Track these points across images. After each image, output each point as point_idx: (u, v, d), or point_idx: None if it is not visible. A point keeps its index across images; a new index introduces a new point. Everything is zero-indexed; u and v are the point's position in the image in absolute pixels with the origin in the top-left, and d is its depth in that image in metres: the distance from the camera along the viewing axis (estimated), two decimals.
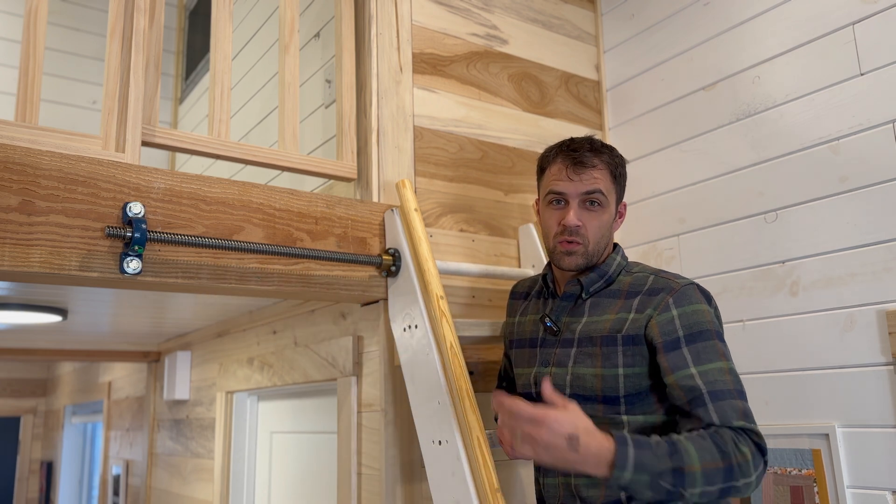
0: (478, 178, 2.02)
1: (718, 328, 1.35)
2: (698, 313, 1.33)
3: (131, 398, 3.93)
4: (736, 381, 1.29)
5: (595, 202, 1.41)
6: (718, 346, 1.32)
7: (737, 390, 1.28)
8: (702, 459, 1.17)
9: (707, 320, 1.33)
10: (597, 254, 1.44)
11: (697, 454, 1.17)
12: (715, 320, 1.35)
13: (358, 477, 1.78)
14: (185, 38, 3.87)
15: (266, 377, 2.34)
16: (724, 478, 1.17)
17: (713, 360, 1.29)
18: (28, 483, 6.18)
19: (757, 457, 1.22)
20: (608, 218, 1.44)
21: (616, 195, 1.46)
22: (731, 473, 1.18)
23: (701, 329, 1.32)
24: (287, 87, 1.78)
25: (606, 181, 1.43)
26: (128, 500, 3.82)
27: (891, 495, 1.52)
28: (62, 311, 2.47)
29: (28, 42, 1.46)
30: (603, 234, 1.43)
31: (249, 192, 1.57)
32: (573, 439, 1.12)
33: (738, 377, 1.31)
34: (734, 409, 1.24)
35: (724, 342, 1.34)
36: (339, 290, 1.65)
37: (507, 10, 2.19)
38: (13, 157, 1.31)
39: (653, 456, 1.15)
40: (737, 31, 1.95)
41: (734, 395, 1.27)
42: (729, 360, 1.31)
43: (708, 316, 1.34)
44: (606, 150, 1.46)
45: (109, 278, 1.38)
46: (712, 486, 1.17)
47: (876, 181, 1.61)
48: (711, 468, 1.17)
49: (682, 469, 1.15)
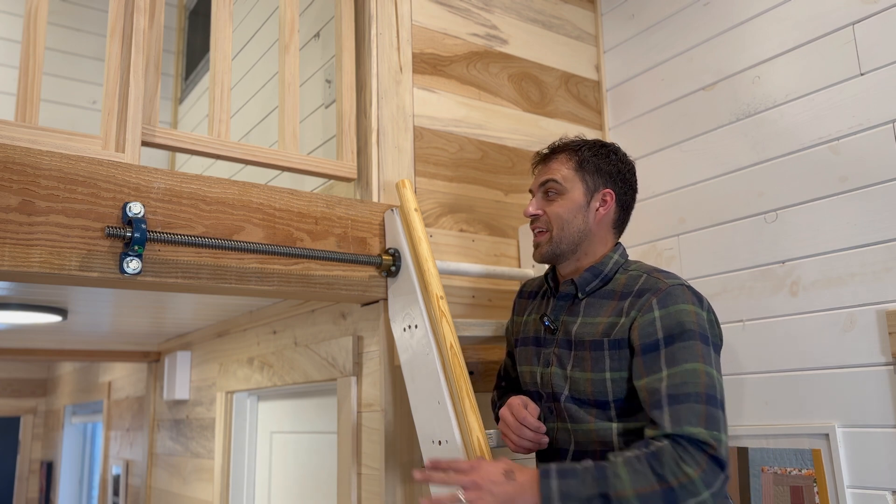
0: (478, 178, 2.02)
1: (705, 330, 1.27)
2: (682, 313, 1.28)
3: (131, 398, 3.93)
4: (709, 385, 1.20)
5: (551, 191, 1.47)
6: (698, 348, 1.24)
7: (706, 394, 1.20)
8: (634, 484, 1.13)
9: (691, 321, 1.27)
10: (566, 240, 1.44)
11: (630, 478, 1.13)
12: (702, 322, 1.28)
13: (358, 477, 1.78)
14: (185, 38, 3.87)
15: (266, 377, 2.34)
16: (663, 501, 1.12)
17: (687, 361, 1.23)
18: (28, 483, 6.18)
19: (710, 472, 1.14)
20: (570, 204, 1.44)
21: (584, 183, 1.45)
22: (672, 496, 1.12)
23: (682, 330, 1.26)
24: (287, 87, 1.78)
25: (565, 170, 1.46)
26: (128, 500, 3.82)
27: (891, 495, 1.52)
28: (62, 311, 2.47)
29: (28, 42, 1.46)
30: (567, 220, 1.44)
31: (249, 192, 1.57)
32: (510, 473, 1.22)
33: (716, 381, 1.22)
34: (694, 414, 1.17)
35: (712, 345, 1.27)
36: (339, 290, 1.65)
37: (507, 10, 2.19)
38: (13, 157, 1.31)
39: (579, 484, 1.15)
40: (737, 31, 1.95)
41: (700, 398, 1.19)
42: (707, 363, 1.23)
43: (693, 316, 1.28)
44: (577, 143, 1.49)
45: (109, 278, 1.38)
46: None
47: (876, 181, 1.61)
48: (646, 492, 1.12)
49: (610, 495, 1.13)
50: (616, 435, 1.32)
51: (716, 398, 1.20)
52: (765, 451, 1.74)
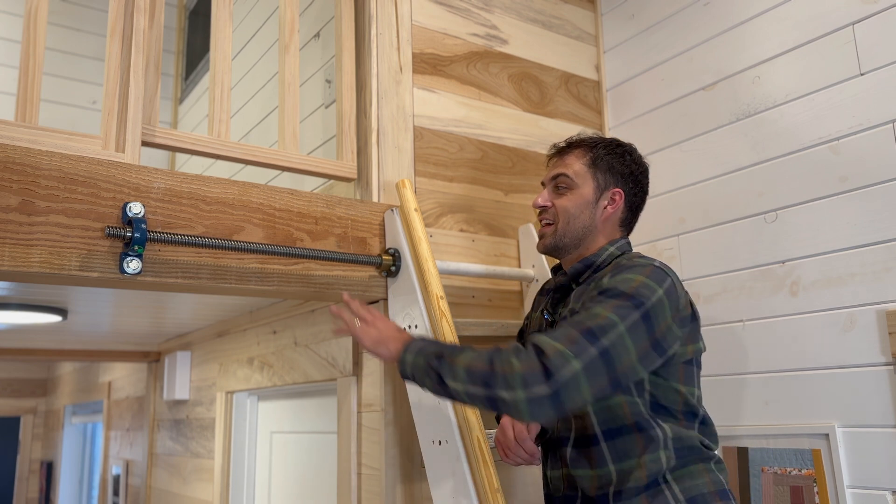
0: (478, 178, 2.02)
1: (643, 297, 1.21)
2: (625, 281, 1.25)
3: (131, 398, 3.93)
4: (600, 327, 1.16)
5: (562, 185, 1.47)
6: (619, 303, 1.20)
7: (589, 327, 1.16)
8: (467, 358, 1.21)
9: (629, 286, 1.23)
10: (570, 234, 1.44)
11: (468, 353, 1.22)
12: (643, 290, 1.22)
13: (358, 477, 1.78)
14: (185, 38, 3.87)
15: (266, 377, 2.34)
16: (484, 382, 1.16)
17: (598, 306, 1.20)
18: (28, 483, 6.18)
19: (533, 376, 1.12)
20: (578, 199, 1.44)
21: (595, 180, 1.45)
22: (492, 380, 1.15)
23: (617, 291, 1.23)
24: (287, 87, 1.78)
25: (578, 165, 1.46)
26: (128, 500, 3.82)
27: (891, 495, 1.52)
28: (62, 311, 2.47)
29: (28, 42, 1.46)
30: (573, 215, 1.44)
31: (249, 192, 1.57)
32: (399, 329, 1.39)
33: (611, 329, 1.16)
34: (563, 334, 1.16)
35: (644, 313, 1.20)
36: (339, 290, 1.65)
37: (507, 10, 2.19)
38: (13, 157, 1.31)
39: (433, 345, 1.29)
40: (737, 31, 1.95)
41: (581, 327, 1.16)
42: (619, 316, 1.18)
43: (634, 283, 1.23)
44: (593, 140, 1.50)
45: (109, 278, 1.38)
46: (475, 387, 1.17)
47: (876, 181, 1.61)
48: (474, 368, 1.18)
49: (444, 358, 1.22)
50: (593, 414, 1.32)
51: (596, 336, 1.15)
52: (765, 451, 1.74)
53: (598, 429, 1.31)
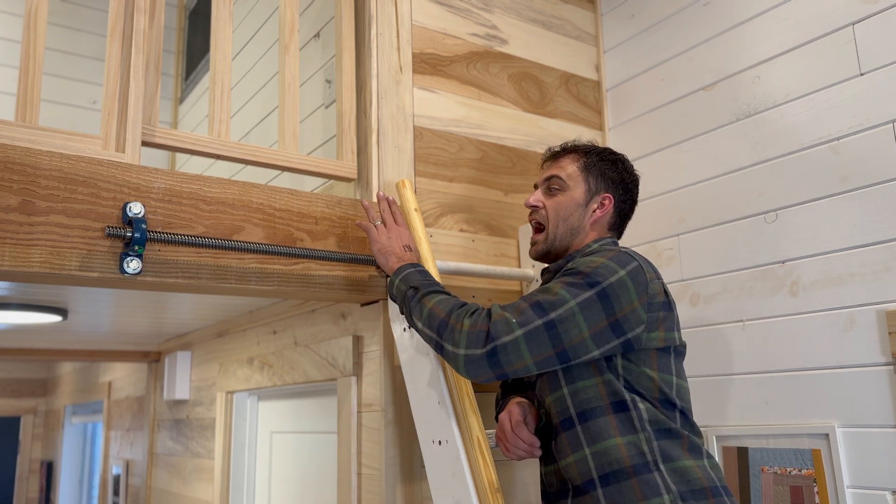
0: (478, 178, 2.02)
1: (600, 277, 1.26)
2: (587, 263, 1.31)
3: (131, 398, 3.93)
4: (549, 302, 1.23)
5: (554, 186, 1.52)
6: (574, 280, 1.26)
7: (538, 301, 1.24)
8: (434, 301, 1.34)
9: (589, 267, 1.28)
10: (560, 237, 1.49)
11: (438, 297, 1.35)
12: (602, 271, 1.26)
13: (358, 477, 1.78)
14: (185, 38, 3.87)
15: (266, 377, 2.34)
16: (437, 328, 1.30)
17: (554, 285, 1.28)
18: (28, 483, 6.19)
19: (475, 337, 1.23)
20: (568, 202, 1.49)
21: (587, 184, 1.50)
22: (444, 330, 1.28)
23: (576, 270, 1.29)
24: (287, 87, 1.78)
25: (571, 168, 1.52)
26: (128, 500, 3.82)
27: (891, 495, 1.52)
28: (62, 311, 2.47)
29: (28, 42, 1.46)
30: (563, 217, 1.49)
31: (249, 192, 1.57)
32: (406, 246, 1.54)
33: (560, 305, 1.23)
34: (514, 305, 1.26)
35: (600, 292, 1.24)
36: (339, 290, 1.65)
37: (507, 10, 2.19)
38: (13, 157, 1.31)
39: (417, 276, 1.42)
40: (737, 31, 1.95)
41: (531, 301, 1.25)
42: (571, 294, 1.23)
43: (593, 265, 1.28)
44: (587, 147, 1.55)
45: (109, 278, 1.38)
46: (430, 331, 1.32)
47: (876, 181, 1.61)
48: (435, 313, 1.32)
49: (418, 293, 1.37)
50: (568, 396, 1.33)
51: (544, 309, 1.24)
52: (765, 451, 1.74)
53: (573, 411, 1.33)
